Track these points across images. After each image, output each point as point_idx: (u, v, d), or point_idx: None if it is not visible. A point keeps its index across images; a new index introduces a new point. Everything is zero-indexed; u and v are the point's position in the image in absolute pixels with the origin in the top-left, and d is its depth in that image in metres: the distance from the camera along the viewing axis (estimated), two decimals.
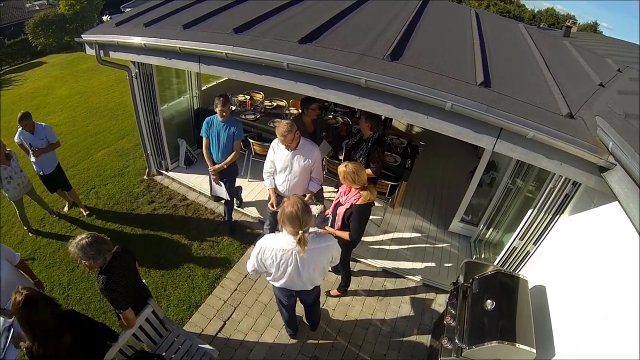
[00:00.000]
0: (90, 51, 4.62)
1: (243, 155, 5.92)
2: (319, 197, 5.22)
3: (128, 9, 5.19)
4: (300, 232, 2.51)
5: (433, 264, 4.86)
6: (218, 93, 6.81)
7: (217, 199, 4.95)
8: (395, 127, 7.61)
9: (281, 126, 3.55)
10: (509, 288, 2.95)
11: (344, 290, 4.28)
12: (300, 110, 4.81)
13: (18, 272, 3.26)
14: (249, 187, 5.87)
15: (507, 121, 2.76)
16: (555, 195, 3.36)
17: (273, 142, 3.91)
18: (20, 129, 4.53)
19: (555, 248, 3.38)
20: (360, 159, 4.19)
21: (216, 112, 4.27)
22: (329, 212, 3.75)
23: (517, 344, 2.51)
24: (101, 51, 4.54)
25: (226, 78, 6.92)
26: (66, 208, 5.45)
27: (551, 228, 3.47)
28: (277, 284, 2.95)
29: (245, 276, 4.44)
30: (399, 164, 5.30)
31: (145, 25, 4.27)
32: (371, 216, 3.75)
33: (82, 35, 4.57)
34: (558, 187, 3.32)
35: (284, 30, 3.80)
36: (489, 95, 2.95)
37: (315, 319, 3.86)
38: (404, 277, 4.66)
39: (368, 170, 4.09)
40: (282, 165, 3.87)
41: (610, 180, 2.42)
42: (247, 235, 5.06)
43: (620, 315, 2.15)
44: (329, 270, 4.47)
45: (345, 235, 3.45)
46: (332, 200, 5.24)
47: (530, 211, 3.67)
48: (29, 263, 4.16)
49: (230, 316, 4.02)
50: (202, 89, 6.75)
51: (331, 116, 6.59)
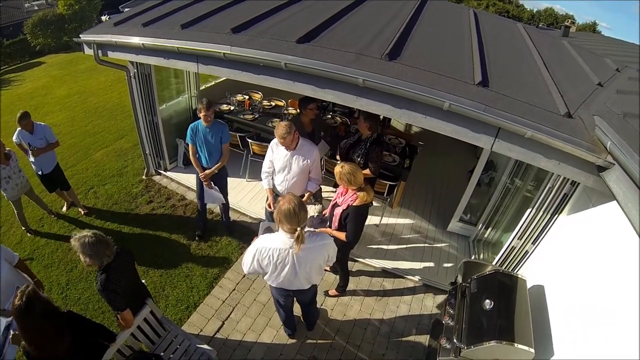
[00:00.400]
0: (88, 51, 4.62)
1: (241, 155, 5.92)
2: (317, 197, 5.21)
3: (126, 9, 5.18)
4: (298, 229, 2.51)
5: (432, 264, 4.86)
6: (217, 93, 6.89)
7: (202, 213, 4.84)
8: (393, 126, 7.61)
9: (280, 128, 3.53)
10: (507, 288, 2.95)
11: (342, 290, 4.27)
12: (298, 110, 4.80)
13: (17, 272, 3.25)
14: (248, 187, 5.87)
15: (505, 121, 2.76)
16: (553, 195, 3.36)
17: (272, 142, 3.90)
18: (18, 129, 4.53)
19: (554, 248, 3.38)
20: (359, 159, 4.19)
21: (199, 117, 4.12)
22: (326, 212, 3.74)
23: (515, 344, 2.51)
24: (99, 51, 4.54)
25: (224, 78, 6.96)
26: (65, 208, 5.45)
27: (550, 228, 3.47)
28: (274, 284, 2.95)
29: (244, 276, 4.43)
30: (398, 164, 5.30)
31: (143, 25, 4.27)
32: (369, 216, 3.74)
33: (80, 35, 4.57)
34: (556, 186, 3.32)
35: (282, 30, 3.79)
36: (487, 94, 2.95)
37: (312, 319, 3.86)
38: (403, 277, 4.66)
39: (366, 170, 4.09)
40: (281, 165, 3.86)
41: (609, 179, 2.42)
42: (246, 235, 5.05)
43: (619, 314, 2.15)
44: (328, 270, 4.48)
45: (342, 236, 3.44)
46: (331, 200, 5.22)
47: (528, 211, 3.67)
48: (27, 263, 4.14)
49: (229, 316, 4.02)
50: (201, 88, 6.77)
51: (330, 116, 6.59)
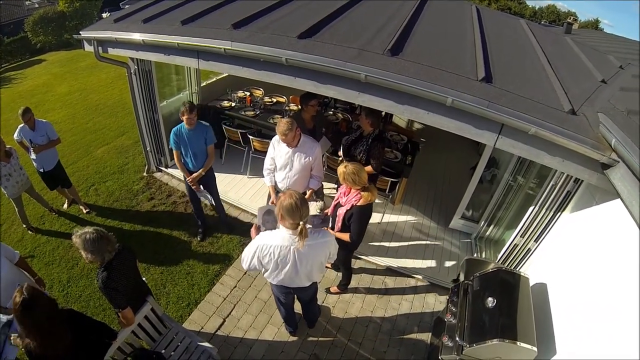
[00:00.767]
0: (88, 48, 4.58)
1: (242, 152, 5.91)
2: (318, 193, 5.19)
3: (127, 6, 5.15)
4: (300, 223, 2.49)
5: (434, 261, 4.84)
6: (218, 89, 6.86)
7: (199, 213, 4.80)
8: (395, 123, 7.56)
9: (281, 125, 3.50)
10: (510, 286, 2.94)
11: (344, 288, 4.26)
12: (299, 107, 4.77)
13: (18, 270, 3.24)
14: (249, 184, 5.86)
15: (509, 117, 2.73)
16: (556, 193, 3.34)
17: (273, 138, 3.88)
18: (20, 126, 4.52)
19: (557, 246, 3.36)
20: (360, 155, 4.16)
21: (182, 121, 4.03)
22: (328, 211, 3.69)
23: (518, 342, 2.50)
24: (99, 48, 4.51)
25: (225, 74, 6.93)
26: (65, 205, 5.44)
27: (552, 225, 3.45)
28: (274, 282, 2.93)
29: (245, 273, 4.42)
30: (400, 161, 5.27)
31: (143, 22, 4.25)
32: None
33: (80, 32, 4.54)
34: (560, 184, 3.30)
35: (283, 25, 3.77)
36: (491, 90, 2.92)
37: (313, 317, 3.85)
38: (405, 275, 4.65)
39: (368, 167, 4.07)
40: (283, 162, 3.84)
41: (613, 177, 2.40)
42: (247, 231, 5.01)
43: (623, 313, 2.13)
44: (329, 267, 4.47)
45: (345, 237, 3.39)
46: (332, 197, 5.20)
47: (531, 208, 3.65)
48: (28, 261, 4.13)
49: (230, 313, 4.01)
50: (202, 85, 6.74)
51: (331, 112, 6.56)
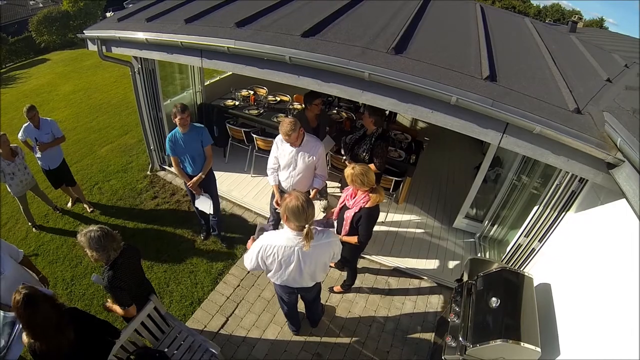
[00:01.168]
0: (92, 47, 4.60)
1: (246, 150, 5.91)
2: (322, 192, 5.19)
3: (130, 5, 5.16)
4: (306, 226, 2.47)
5: (437, 261, 4.83)
6: (222, 88, 6.87)
7: (202, 213, 4.61)
8: (399, 122, 7.55)
9: (285, 125, 3.47)
10: (513, 286, 2.92)
11: (347, 288, 4.25)
12: (303, 106, 4.77)
13: (22, 269, 3.26)
14: (253, 182, 5.86)
15: (514, 116, 2.71)
16: (561, 192, 3.31)
17: (277, 138, 3.86)
18: (24, 125, 4.55)
19: (561, 245, 3.34)
20: (364, 154, 4.15)
21: (176, 125, 3.89)
22: (333, 214, 3.63)
23: (521, 343, 2.48)
24: (103, 47, 4.52)
25: (229, 73, 6.95)
26: (70, 204, 5.47)
27: (557, 225, 3.42)
28: (278, 282, 2.92)
29: (248, 272, 4.43)
30: (403, 160, 5.25)
31: (147, 21, 4.26)
32: None
33: (84, 31, 4.55)
34: (564, 183, 3.27)
35: (286, 24, 3.76)
36: (495, 89, 2.90)
37: (316, 316, 3.85)
38: (408, 274, 4.63)
39: (372, 166, 4.06)
40: (286, 161, 3.83)
41: (618, 177, 2.38)
42: (251, 230, 5.02)
43: (628, 313, 2.11)
44: (332, 267, 4.46)
45: (354, 240, 3.38)
46: (336, 195, 5.17)
47: (535, 208, 3.63)
48: (32, 259, 4.17)
49: (233, 312, 4.02)
50: (206, 84, 6.76)
51: (335, 111, 6.55)
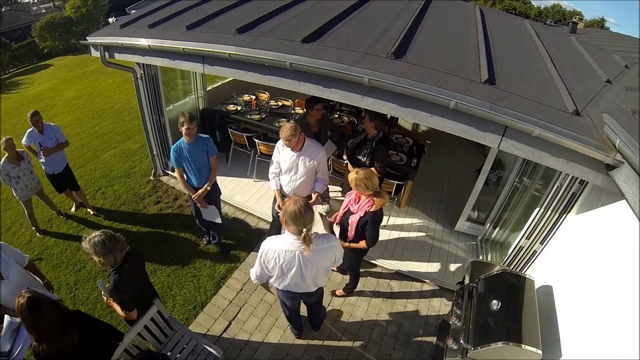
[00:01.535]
0: (95, 53, 4.66)
1: (248, 155, 5.94)
2: (324, 196, 5.21)
3: (133, 11, 5.22)
4: (304, 230, 2.50)
5: (439, 264, 4.83)
6: (224, 93, 6.91)
7: (205, 223, 4.54)
8: (401, 125, 7.57)
9: (285, 130, 3.48)
10: (515, 288, 2.92)
11: (349, 291, 4.26)
12: (305, 110, 4.80)
13: (27, 274, 3.30)
14: (255, 187, 5.88)
15: (512, 119, 2.73)
16: (562, 194, 3.32)
17: (278, 142, 3.88)
18: (28, 131, 4.59)
19: (563, 247, 3.34)
20: (365, 159, 4.17)
21: (182, 134, 3.80)
22: (336, 219, 3.61)
23: (523, 345, 2.48)
24: (106, 53, 4.58)
25: (231, 78, 6.98)
26: (73, 208, 5.51)
27: (558, 227, 3.43)
28: (280, 287, 2.94)
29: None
30: (405, 163, 5.27)
31: (149, 27, 4.31)
32: None
33: (87, 38, 4.61)
34: (565, 185, 3.28)
35: (287, 30, 3.80)
36: (494, 92, 2.93)
37: (318, 320, 3.86)
38: (410, 277, 4.63)
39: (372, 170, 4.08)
40: (287, 166, 3.85)
41: (618, 178, 2.39)
42: (253, 235, 5.07)
43: (629, 315, 2.12)
44: (335, 271, 4.47)
45: (362, 245, 3.39)
46: (338, 200, 5.17)
47: (537, 210, 3.64)
48: (36, 263, 4.20)
49: (236, 316, 4.03)
50: (208, 89, 6.80)
51: (337, 115, 6.58)
